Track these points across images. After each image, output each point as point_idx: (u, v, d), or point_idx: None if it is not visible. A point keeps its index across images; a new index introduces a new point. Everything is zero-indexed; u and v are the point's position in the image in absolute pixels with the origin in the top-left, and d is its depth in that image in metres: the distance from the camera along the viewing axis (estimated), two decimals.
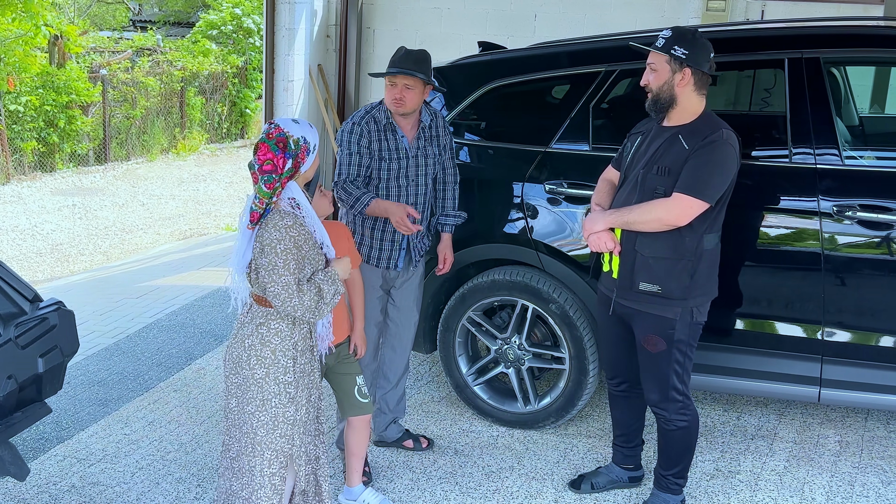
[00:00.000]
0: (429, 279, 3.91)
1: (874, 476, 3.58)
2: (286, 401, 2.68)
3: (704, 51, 2.96)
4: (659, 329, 3.03)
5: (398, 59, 3.29)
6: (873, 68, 5.19)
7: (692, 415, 3.12)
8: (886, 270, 3.29)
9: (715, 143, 2.91)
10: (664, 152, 2.99)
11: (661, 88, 2.98)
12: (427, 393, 4.33)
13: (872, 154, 3.79)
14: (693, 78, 2.95)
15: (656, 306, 3.01)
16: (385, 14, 8.00)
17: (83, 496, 3.42)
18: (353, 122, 3.38)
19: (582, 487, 3.44)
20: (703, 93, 3.00)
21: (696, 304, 3.02)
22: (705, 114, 3.02)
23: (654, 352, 3.06)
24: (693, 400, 3.15)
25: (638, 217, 2.97)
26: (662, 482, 3.23)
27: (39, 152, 11.82)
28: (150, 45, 15.41)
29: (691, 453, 3.19)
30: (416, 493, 3.45)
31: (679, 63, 2.94)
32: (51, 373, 3.18)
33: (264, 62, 7.77)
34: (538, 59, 3.91)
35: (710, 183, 2.90)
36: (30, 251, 8.42)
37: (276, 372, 2.67)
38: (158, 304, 5.86)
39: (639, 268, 3.01)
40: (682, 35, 2.96)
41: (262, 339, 2.67)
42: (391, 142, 3.37)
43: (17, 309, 3.15)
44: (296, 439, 2.72)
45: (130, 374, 4.62)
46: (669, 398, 3.09)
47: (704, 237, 2.98)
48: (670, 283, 2.98)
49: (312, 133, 2.66)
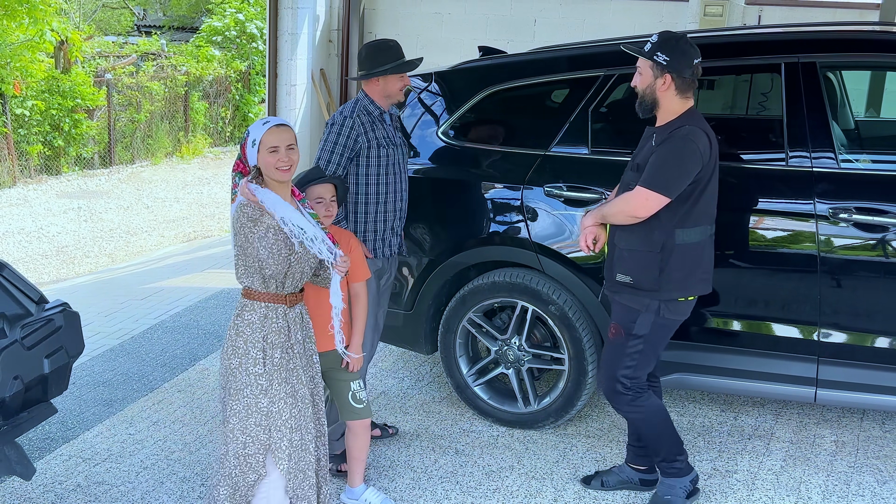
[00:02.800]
0: (429, 281, 3.96)
1: (870, 475, 3.60)
2: (258, 392, 2.74)
3: (686, 57, 3.02)
4: (622, 318, 3.15)
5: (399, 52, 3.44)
6: (869, 73, 5.22)
7: (647, 406, 3.19)
8: (882, 272, 3.32)
9: (674, 139, 3.00)
10: (640, 150, 3.14)
11: (645, 91, 3.09)
12: (428, 393, 4.37)
13: (868, 157, 3.82)
14: (674, 83, 3.02)
15: (627, 296, 3.14)
16: (386, 19, 8.06)
17: (88, 495, 3.46)
18: (344, 115, 3.42)
19: (592, 483, 3.48)
20: (686, 96, 3.06)
21: (666, 297, 3.08)
22: (685, 113, 3.07)
23: (612, 340, 3.18)
24: (648, 392, 3.19)
25: (609, 210, 3.15)
26: (660, 468, 3.32)
27: (45, 156, 11.89)
28: (154, 49, 15.48)
29: (667, 439, 3.24)
30: (417, 492, 3.49)
31: (661, 69, 3.02)
32: (56, 373, 3.20)
33: (267, 66, 7.83)
34: (538, 63, 3.95)
35: (667, 176, 2.98)
36: (36, 253, 8.47)
37: (247, 363, 2.75)
38: (163, 305, 5.91)
39: (617, 259, 3.16)
40: (666, 42, 3.05)
41: (237, 330, 2.77)
42: (381, 130, 3.46)
43: (23, 310, 3.17)
44: (273, 431, 2.76)
45: (135, 375, 4.66)
46: (615, 391, 3.18)
47: (676, 231, 3.05)
48: (640, 275, 3.09)
49: (257, 128, 2.75)
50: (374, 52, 3.45)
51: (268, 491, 2.79)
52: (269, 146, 2.71)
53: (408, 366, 4.70)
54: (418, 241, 3.96)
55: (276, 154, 2.71)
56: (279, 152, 2.71)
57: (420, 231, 3.96)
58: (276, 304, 2.79)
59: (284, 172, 2.72)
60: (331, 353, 3.17)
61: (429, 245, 3.95)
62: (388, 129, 3.49)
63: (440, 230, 3.94)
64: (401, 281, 4.00)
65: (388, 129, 3.49)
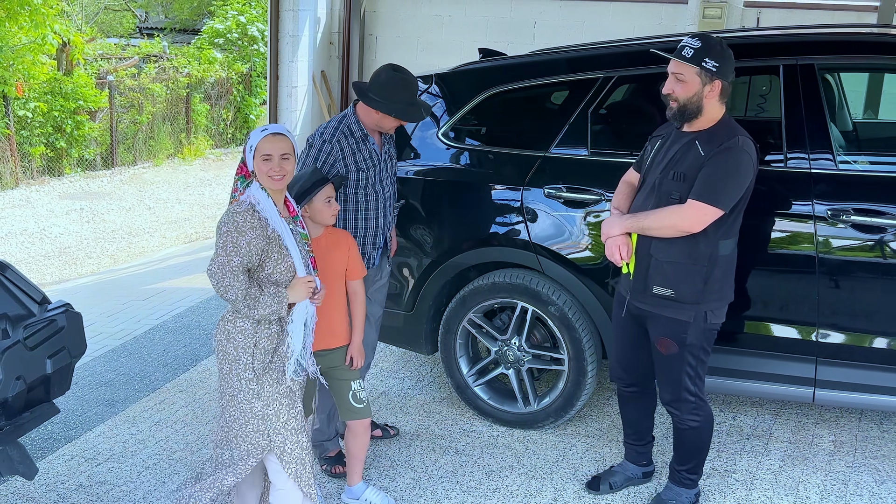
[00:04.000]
0: (430, 281, 3.98)
1: (868, 475, 3.62)
2: (251, 396, 2.76)
3: (731, 62, 2.97)
4: (671, 332, 3.07)
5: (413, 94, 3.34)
6: (867, 74, 5.23)
7: (705, 415, 3.16)
8: (879, 273, 3.33)
9: (730, 150, 2.92)
10: (681, 158, 3.01)
11: (690, 100, 2.97)
12: (429, 394, 4.39)
13: (866, 159, 3.83)
14: (721, 90, 2.96)
15: (670, 309, 3.05)
16: (387, 21, 8.08)
17: (90, 495, 3.48)
18: (324, 139, 3.33)
19: (601, 488, 3.47)
20: (724, 101, 3.02)
21: (710, 307, 3.04)
22: (723, 119, 3.03)
23: (667, 354, 3.10)
24: (708, 401, 3.18)
25: (653, 223, 3.00)
26: (677, 476, 3.30)
27: (48, 157, 11.91)
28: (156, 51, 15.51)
29: (705, 451, 3.24)
30: (417, 491, 3.50)
31: (710, 76, 2.93)
32: (59, 374, 3.22)
33: (269, 68, 7.86)
34: (538, 65, 3.96)
35: (725, 190, 2.91)
36: (38, 254, 8.50)
37: (238, 369, 2.75)
38: (165, 306, 5.93)
39: (653, 271, 3.04)
40: (712, 47, 2.95)
41: (228, 336, 2.77)
42: (365, 151, 3.39)
43: (26, 311, 3.19)
44: (273, 436, 2.77)
45: (137, 375, 4.68)
46: (682, 399, 3.13)
47: (720, 243, 3.00)
48: (684, 288, 3.01)
49: (256, 134, 2.75)
50: (391, 87, 3.31)
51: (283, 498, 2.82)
52: (263, 153, 2.71)
53: (408, 366, 4.72)
54: (419, 242, 3.98)
55: (269, 163, 2.70)
56: (272, 161, 2.70)
57: (421, 232, 3.97)
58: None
59: (276, 181, 2.72)
60: (330, 352, 3.19)
61: (429, 246, 3.97)
62: (371, 147, 3.41)
63: (441, 231, 3.96)
64: (401, 282, 4.02)
65: (371, 148, 3.41)
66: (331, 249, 3.18)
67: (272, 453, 2.80)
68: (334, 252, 3.19)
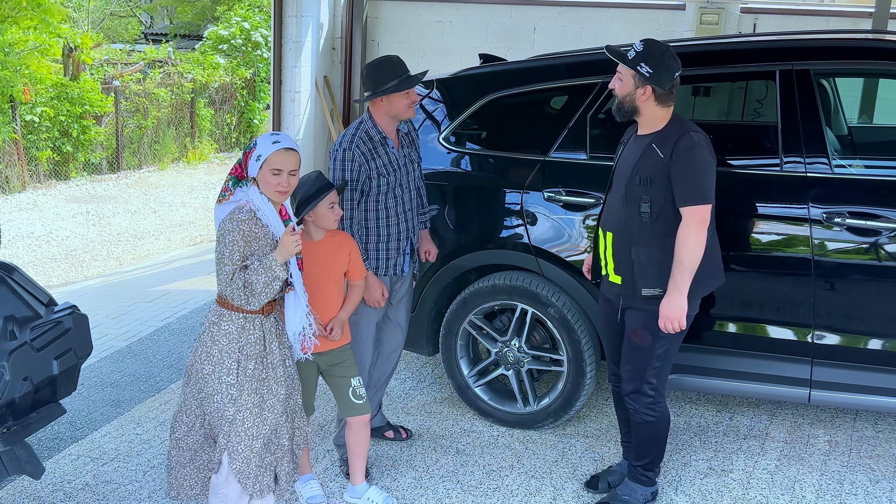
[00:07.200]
0: (431, 284, 4.02)
1: (863, 475, 3.65)
2: (227, 400, 2.79)
3: (669, 71, 3.02)
4: (648, 323, 3.12)
5: (401, 68, 3.35)
6: (862, 80, 5.26)
7: (661, 413, 3.21)
8: (874, 275, 3.37)
9: (689, 151, 2.99)
10: (644, 163, 3.08)
11: (624, 98, 3.09)
12: (429, 394, 4.43)
13: (861, 163, 3.88)
14: (654, 94, 3.04)
15: (657, 305, 3.08)
16: (389, 27, 8.14)
17: (97, 494, 3.52)
18: (343, 148, 3.32)
19: (599, 487, 3.50)
20: (668, 104, 3.07)
21: (693, 294, 3.09)
22: (673, 119, 3.10)
23: (640, 344, 3.16)
24: (665, 399, 3.23)
25: (686, 262, 2.99)
26: (633, 472, 3.34)
27: (54, 161, 12.00)
28: (161, 57, 15.59)
29: (659, 449, 3.28)
30: (418, 490, 3.55)
31: (643, 80, 3.02)
32: (65, 374, 3.24)
33: (272, 74, 7.92)
34: (537, 70, 4.00)
35: (704, 184, 3.00)
36: (45, 257, 8.57)
37: (220, 372, 2.79)
38: (170, 307, 5.98)
39: (638, 275, 3.10)
40: (650, 52, 3.03)
41: (213, 338, 2.81)
42: (385, 156, 3.40)
43: (33, 313, 3.21)
44: (233, 436, 2.81)
45: (142, 376, 4.73)
46: (641, 391, 3.19)
47: None
48: (667, 284, 3.05)
49: (265, 144, 2.77)
50: (375, 72, 3.31)
51: (226, 488, 2.88)
52: (273, 167, 2.75)
53: (410, 367, 4.76)
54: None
55: (279, 177, 2.75)
56: (281, 176, 2.75)
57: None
58: (253, 314, 2.83)
59: (282, 195, 2.78)
60: (330, 352, 3.24)
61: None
62: (390, 152, 3.41)
63: (442, 234, 4.00)
64: None
65: (390, 153, 3.41)
66: (332, 252, 3.23)
67: (225, 449, 2.84)
68: (336, 255, 3.24)
